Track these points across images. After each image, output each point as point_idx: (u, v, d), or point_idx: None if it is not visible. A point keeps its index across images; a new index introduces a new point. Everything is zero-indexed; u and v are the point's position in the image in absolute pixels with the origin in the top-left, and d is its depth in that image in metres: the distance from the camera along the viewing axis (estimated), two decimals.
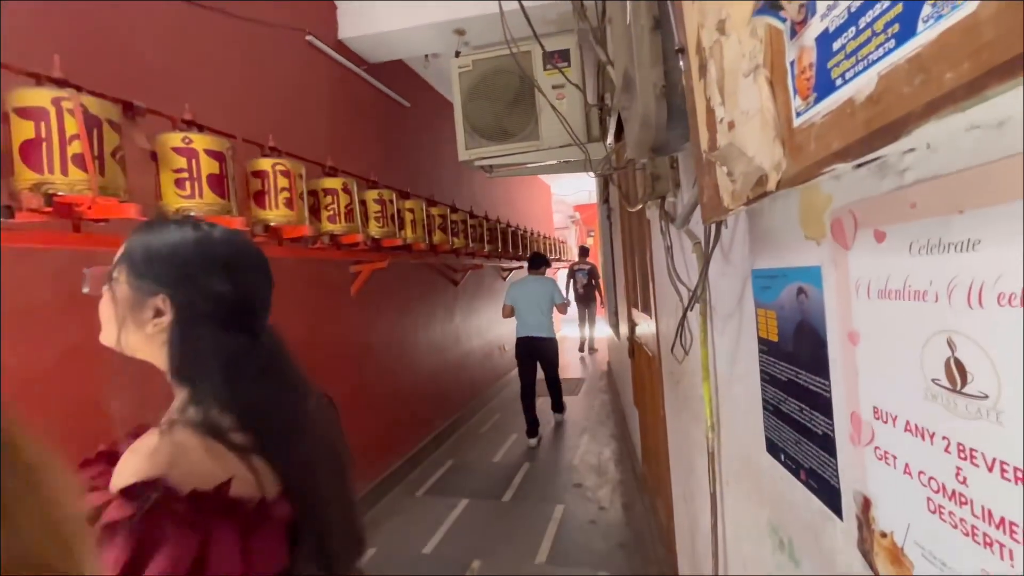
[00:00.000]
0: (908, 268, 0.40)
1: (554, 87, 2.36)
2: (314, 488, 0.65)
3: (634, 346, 2.86)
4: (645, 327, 2.36)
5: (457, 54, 2.60)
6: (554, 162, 2.59)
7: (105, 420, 1.75)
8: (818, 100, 0.37)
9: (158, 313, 0.64)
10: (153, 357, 0.66)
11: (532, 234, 6.77)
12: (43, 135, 1.23)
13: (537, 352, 4.08)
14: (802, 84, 0.39)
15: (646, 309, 2.26)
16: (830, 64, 0.34)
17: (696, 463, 1.32)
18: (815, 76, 0.37)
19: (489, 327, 5.70)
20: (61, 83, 1.30)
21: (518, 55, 2.31)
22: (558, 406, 4.43)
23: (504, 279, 6.37)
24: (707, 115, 0.64)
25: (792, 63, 0.40)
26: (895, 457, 0.45)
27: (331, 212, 2.37)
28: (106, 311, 0.67)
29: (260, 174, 1.96)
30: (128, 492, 0.51)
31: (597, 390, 5.64)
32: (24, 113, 1.23)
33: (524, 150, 2.46)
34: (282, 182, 1.96)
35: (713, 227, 0.86)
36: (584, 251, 8.11)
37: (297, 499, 0.62)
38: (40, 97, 1.24)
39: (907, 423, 0.42)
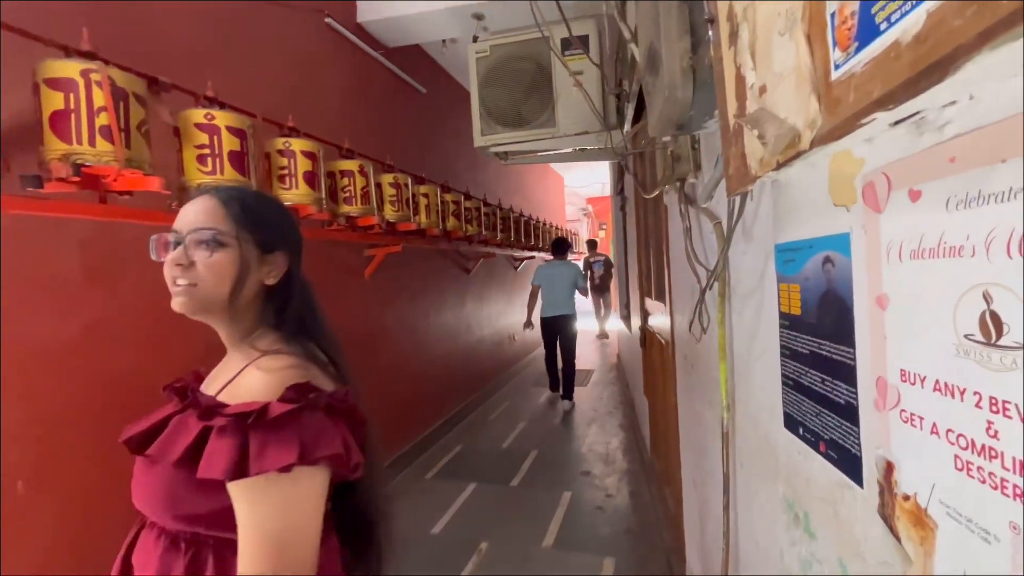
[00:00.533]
0: (944, 225, 0.40)
1: (572, 73, 2.34)
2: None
3: (646, 335, 2.85)
4: (658, 315, 2.35)
5: (475, 39, 2.59)
6: (569, 150, 2.58)
7: (126, 385, 1.79)
8: (859, 48, 0.36)
9: (274, 268, 0.74)
10: (241, 311, 0.72)
11: (544, 224, 6.76)
12: (72, 106, 1.26)
13: (558, 327, 4.60)
14: (842, 35, 0.39)
15: (660, 297, 2.26)
16: (874, 9, 0.34)
17: (709, 447, 1.32)
18: (857, 24, 0.36)
19: (499, 316, 5.72)
20: (89, 55, 1.32)
21: (539, 39, 2.30)
22: (568, 394, 4.62)
23: (516, 269, 6.38)
24: (736, 83, 0.63)
25: (833, 14, 0.39)
26: (921, 418, 0.44)
27: (348, 194, 2.39)
28: (225, 269, 0.69)
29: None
30: (292, 390, 0.62)
31: (606, 382, 5.64)
32: (54, 84, 1.26)
33: (540, 137, 2.45)
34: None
35: (737, 201, 0.85)
36: (592, 244, 8.27)
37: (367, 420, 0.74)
38: (69, 69, 1.26)
39: (936, 382, 0.42)
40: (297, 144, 2.00)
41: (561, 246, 4.80)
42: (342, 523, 0.76)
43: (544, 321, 4.65)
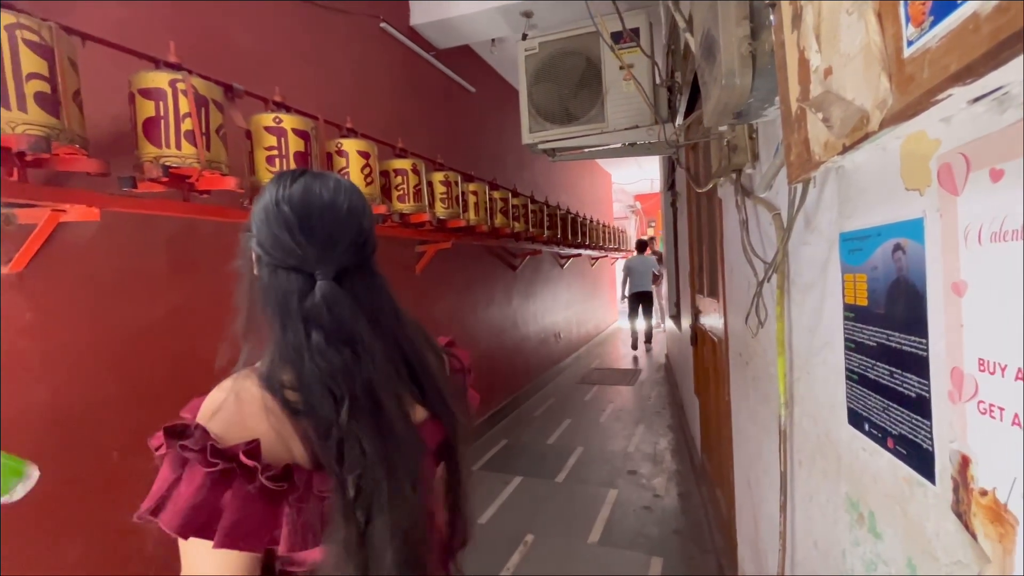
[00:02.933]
0: None
1: (623, 66, 2.32)
2: (364, 465, 0.56)
3: (697, 333, 2.78)
4: (711, 312, 2.29)
5: (524, 37, 2.61)
6: (618, 145, 2.55)
7: (207, 366, 1.93)
8: (935, 23, 0.35)
9: (258, 261, 0.64)
10: None
11: (591, 222, 6.69)
12: (161, 113, 1.38)
13: (642, 299, 7.24)
14: (916, 10, 0.38)
15: (713, 293, 2.19)
16: None
17: (764, 446, 1.28)
18: None
19: (545, 313, 5.73)
20: (175, 67, 1.44)
21: (588, 34, 2.29)
22: (648, 339, 7.43)
23: (562, 267, 6.36)
24: (800, 67, 0.62)
25: None
26: (1002, 409, 0.42)
27: (401, 192, 2.47)
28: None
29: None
30: (166, 431, 0.55)
31: (654, 382, 5.53)
32: (146, 94, 1.39)
33: (588, 133, 2.44)
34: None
35: (799, 190, 0.82)
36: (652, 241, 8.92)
37: (337, 475, 0.55)
38: (159, 79, 1.39)
39: (1019, 371, 0.40)
40: (351, 144, 2.10)
41: (643, 245, 7.52)
42: None
43: (632, 295, 7.22)
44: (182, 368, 1.72)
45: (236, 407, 0.56)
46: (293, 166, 1.77)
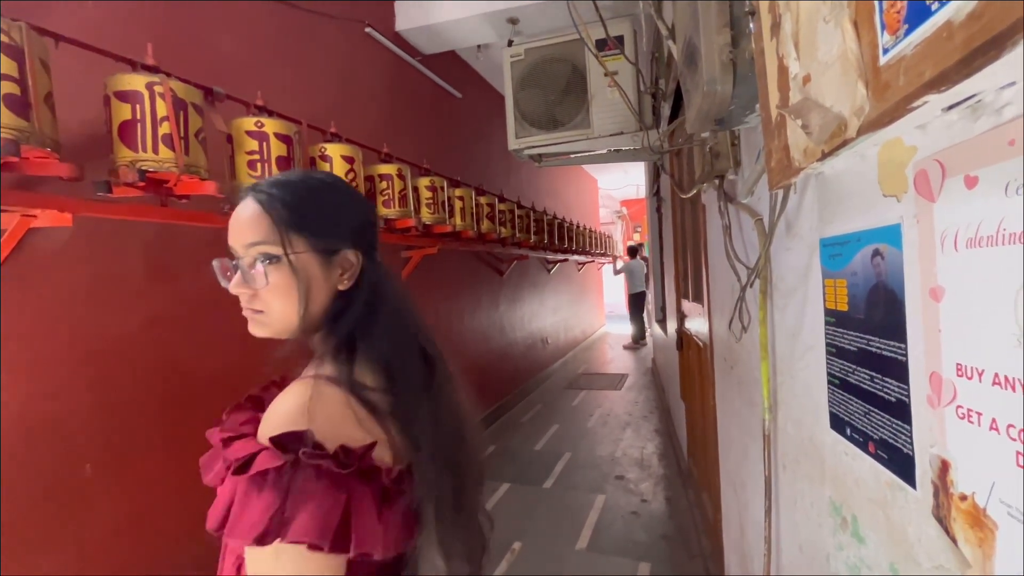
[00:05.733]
0: (1003, 211, 0.38)
1: (607, 73, 2.33)
2: (452, 462, 0.61)
3: (683, 337, 2.80)
4: (695, 317, 2.31)
5: (510, 43, 2.62)
6: (604, 151, 2.56)
7: (183, 379, 1.89)
8: (910, 31, 0.36)
9: (347, 270, 0.63)
10: (318, 323, 0.63)
11: (578, 227, 6.72)
12: (138, 116, 1.35)
13: (640, 298, 8.07)
14: (891, 18, 0.38)
15: (697, 298, 2.21)
16: None
17: (750, 450, 1.28)
18: (907, 6, 0.36)
19: (532, 319, 5.72)
20: (153, 69, 1.41)
21: (573, 41, 2.30)
22: (642, 337, 8.13)
23: (549, 272, 6.37)
24: (779, 74, 0.62)
25: None
26: (980, 414, 0.43)
27: (386, 197, 2.45)
28: (287, 290, 0.60)
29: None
30: (278, 442, 0.50)
31: (641, 386, 5.55)
32: (122, 96, 1.35)
33: (574, 139, 2.45)
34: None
35: (779, 196, 0.83)
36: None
37: (429, 473, 0.57)
38: (136, 82, 1.36)
39: (995, 376, 0.40)
40: (335, 149, 2.08)
41: (635, 250, 8.23)
42: None
43: (632, 295, 8.14)
44: (159, 378, 1.68)
45: (334, 410, 0.55)
46: (275, 171, 1.74)
